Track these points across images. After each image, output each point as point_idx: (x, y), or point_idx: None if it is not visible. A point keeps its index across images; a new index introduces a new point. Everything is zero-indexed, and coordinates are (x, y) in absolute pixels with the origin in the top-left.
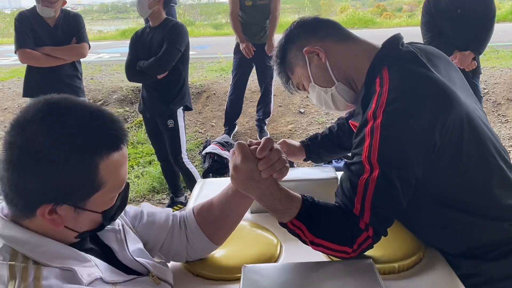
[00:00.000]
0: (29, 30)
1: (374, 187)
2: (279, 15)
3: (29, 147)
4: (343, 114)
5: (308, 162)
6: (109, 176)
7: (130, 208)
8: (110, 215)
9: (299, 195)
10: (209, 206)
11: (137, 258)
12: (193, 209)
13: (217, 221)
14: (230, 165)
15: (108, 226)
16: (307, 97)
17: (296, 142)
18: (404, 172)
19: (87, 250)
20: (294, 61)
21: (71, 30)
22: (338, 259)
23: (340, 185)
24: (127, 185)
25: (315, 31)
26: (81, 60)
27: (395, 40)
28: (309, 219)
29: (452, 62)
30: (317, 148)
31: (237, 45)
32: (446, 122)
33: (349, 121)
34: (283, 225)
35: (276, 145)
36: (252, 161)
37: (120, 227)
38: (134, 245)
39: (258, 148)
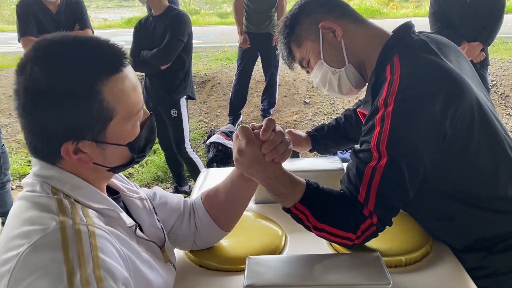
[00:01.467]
0: (32, 17)
1: (381, 175)
2: (286, 3)
3: (29, 89)
4: (344, 98)
5: (313, 152)
6: (117, 102)
7: (142, 190)
8: (137, 146)
9: (304, 180)
10: (215, 192)
11: (163, 228)
12: (201, 196)
13: (223, 205)
14: (234, 150)
15: (133, 193)
16: (308, 72)
17: (302, 133)
18: (413, 160)
19: None
20: (304, 34)
21: (73, 16)
22: (344, 251)
23: (346, 172)
24: (151, 115)
25: (332, 7)
26: None
27: (406, 28)
28: (313, 204)
29: (462, 52)
30: (323, 139)
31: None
32: (458, 110)
33: (358, 109)
34: (286, 210)
35: (279, 127)
36: (257, 145)
37: (145, 196)
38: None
39: (261, 129)
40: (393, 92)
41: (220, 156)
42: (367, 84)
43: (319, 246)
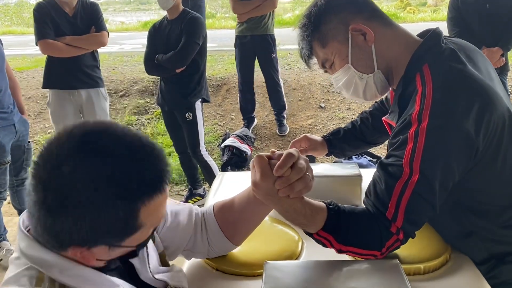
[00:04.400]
0: (49, 20)
1: (412, 192)
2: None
3: (65, 189)
4: (366, 103)
5: (329, 157)
6: (149, 218)
7: None
8: (143, 246)
9: (324, 205)
10: (230, 207)
11: (156, 276)
12: (213, 208)
13: (237, 223)
14: (251, 178)
15: None
16: (326, 72)
17: (318, 137)
18: (445, 177)
19: (111, 270)
20: (331, 34)
21: (89, 18)
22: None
23: (372, 185)
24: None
25: (362, 7)
26: (104, 50)
27: (437, 36)
28: (337, 229)
29: (486, 57)
30: (339, 143)
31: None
32: (490, 123)
33: (383, 118)
34: (309, 234)
35: (301, 161)
36: (271, 179)
37: None
38: (153, 257)
39: (277, 164)
40: (427, 106)
41: (234, 160)
42: (390, 89)
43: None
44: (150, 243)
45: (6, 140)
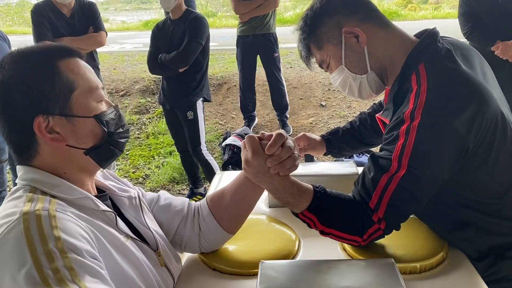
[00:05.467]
0: (47, 22)
1: (396, 186)
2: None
3: (3, 84)
4: (367, 101)
5: (327, 156)
6: (75, 76)
7: (147, 193)
8: (105, 121)
9: (311, 187)
10: (221, 193)
11: (151, 227)
12: (206, 198)
13: (228, 207)
14: (242, 158)
15: (123, 192)
16: (326, 71)
17: (316, 136)
18: (433, 174)
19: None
20: (325, 37)
21: (87, 19)
22: (358, 256)
23: (361, 175)
24: (116, 105)
25: (356, 9)
26: (105, 50)
27: (433, 35)
28: (320, 211)
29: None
30: (338, 143)
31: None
32: (482, 124)
33: (377, 115)
34: (295, 214)
35: (289, 141)
36: (262, 157)
37: (136, 195)
38: (150, 219)
39: (268, 143)
40: (420, 105)
41: (235, 158)
42: (386, 88)
43: (333, 251)
44: (147, 211)
45: (2, 138)
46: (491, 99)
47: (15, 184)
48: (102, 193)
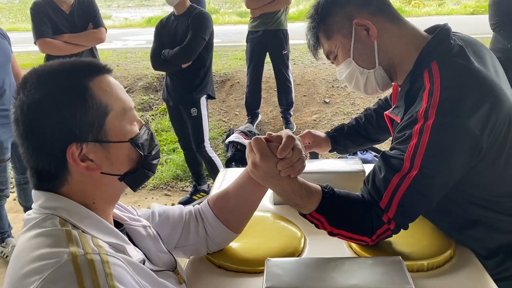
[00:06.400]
0: (46, 19)
1: (407, 187)
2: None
3: (25, 105)
4: (371, 98)
5: (332, 153)
6: (108, 97)
7: (140, 211)
8: (140, 143)
9: (319, 188)
10: (224, 195)
11: (170, 250)
12: (207, 201)
13: (234, 209)
14: (248, 161)
15: (136, 222)
16: (333, 63)
17: (321, 133)
18: (445, 174)
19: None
20: (335, 27)
21: (86, 15)
22: (365, 254)
23: (372, 174)
24: (146, 122)
25: (369, 1)
26: (108, 47)
27: (446, 32)
28: (329, 212)
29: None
30: (343, 140)
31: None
32: (496, 123)
33: (385, 113)
34: (303, 215)
35: (297, 142)
36: (271, 160)
37: (148, 223)
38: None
39: (280, 147)
40: (434, 104)
41: (238, 155)
42: (394, 85)
43: (339, 248)
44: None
45: (5, 137)
46: (505, 97)
47: (16, 183)
48: (119, 226)
